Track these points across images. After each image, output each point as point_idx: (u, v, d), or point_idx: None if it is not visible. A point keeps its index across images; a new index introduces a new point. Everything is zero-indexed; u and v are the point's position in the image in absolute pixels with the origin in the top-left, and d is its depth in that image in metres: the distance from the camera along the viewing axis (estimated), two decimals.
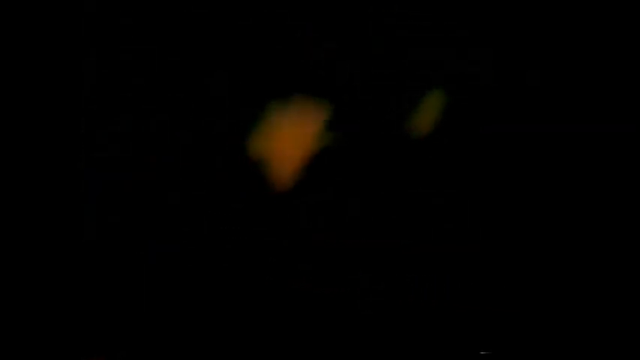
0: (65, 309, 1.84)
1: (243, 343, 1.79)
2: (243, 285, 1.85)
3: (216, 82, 2.05)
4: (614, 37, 1.87)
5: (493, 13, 1.92)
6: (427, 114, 2.00)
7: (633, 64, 1.86)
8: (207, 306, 1.84)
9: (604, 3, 1.87)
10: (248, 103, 2.05)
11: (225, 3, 2.04)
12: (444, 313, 1.76)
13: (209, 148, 2.01)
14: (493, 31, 1.92)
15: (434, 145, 1.98)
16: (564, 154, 1.88)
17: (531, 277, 1.79)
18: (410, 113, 2.03)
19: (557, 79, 1.90)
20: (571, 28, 1.89)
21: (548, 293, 1.77)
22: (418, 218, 1.89)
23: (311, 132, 2.01)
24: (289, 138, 2.00)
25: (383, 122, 2.06)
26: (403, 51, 2.01)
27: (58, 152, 1.98)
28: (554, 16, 1.90)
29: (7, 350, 1.79)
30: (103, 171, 1.99)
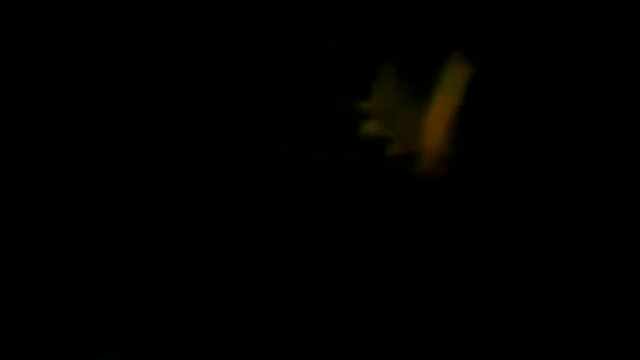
0: (65, 309, 1.84)
1: (244, 343, 1.79)
2: (243, 285, 1.85)
3: (216, 82, 2.05)
4: (614, 37, 1.87)
5: (493, 14, 1.92)
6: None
7: (633, 64, 1.86)
8: (208, 306, 1.84)
9: (604, 3, 1.87)
10: (248, 103, 2.05)
11: (225, 3, 2.04)
12: (444, 313, 1.76)
13: (209, 148, 2.02)
14: (493, 31, 1.92)
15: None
16: (564, 153, 1.87)
17: (532, 277, 1.79)
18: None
19: (556, 79, 1.90)
20: (570, 28, 1.89)
21: (549, 293, 1.77)
22: (418, 218, 1.89)
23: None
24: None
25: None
26: (403, 51, 2.01)
27: (58, 152, 1.98)
28: (554, 16, 1.90)
29: (7, 350, 1.79)
30: (103, 171, 1.98)
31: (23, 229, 1.91)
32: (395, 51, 2.01)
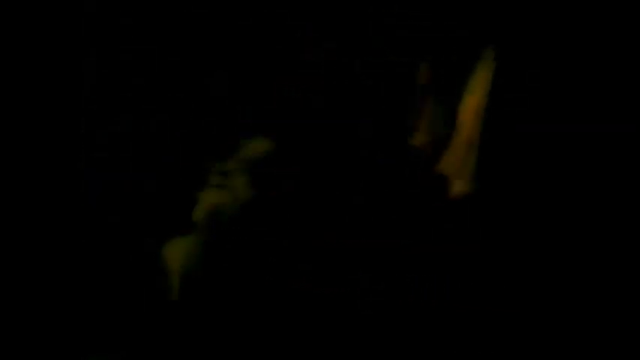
0: (65, 308, 1.84)
1: (244, 342, 1.79)
2: (243, 285, 1.85)
3: (216, 82, 2.05)
4: (614, 38, 1.87)
5: (493, 15, 1.93)
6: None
7: (633, 65, 1.86)
8: (208, 306, 1.84)
9: (605, 4, 1.87)
10: (248, 103, 2.06)
11: (225, 3, 2.04)
12: (444, 313, 1.76)
13: (209, 148, 2.01)
14: (493, 32, 1.92)
15: (433, 146, 1.98)
16: (563, 154, 1.88)
17: (531, 277, 1.79)
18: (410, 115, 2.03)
19: (556, 79, 1.90)
20: (570, 29, 1.89)
21: (548, 293, 1.77)
22: (418, 218, 1.90)
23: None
24: None
25: (384, 124, 2.06)
26: (404, 51, 2.01)
27: (58, 152, 1.98)
28: (553, 17, 1.90)
29: (8, 349, 1.79)
30: (103, 171, 1.99)
31: (23, 228, 1.91)
32: (395, 51, 2.01)
